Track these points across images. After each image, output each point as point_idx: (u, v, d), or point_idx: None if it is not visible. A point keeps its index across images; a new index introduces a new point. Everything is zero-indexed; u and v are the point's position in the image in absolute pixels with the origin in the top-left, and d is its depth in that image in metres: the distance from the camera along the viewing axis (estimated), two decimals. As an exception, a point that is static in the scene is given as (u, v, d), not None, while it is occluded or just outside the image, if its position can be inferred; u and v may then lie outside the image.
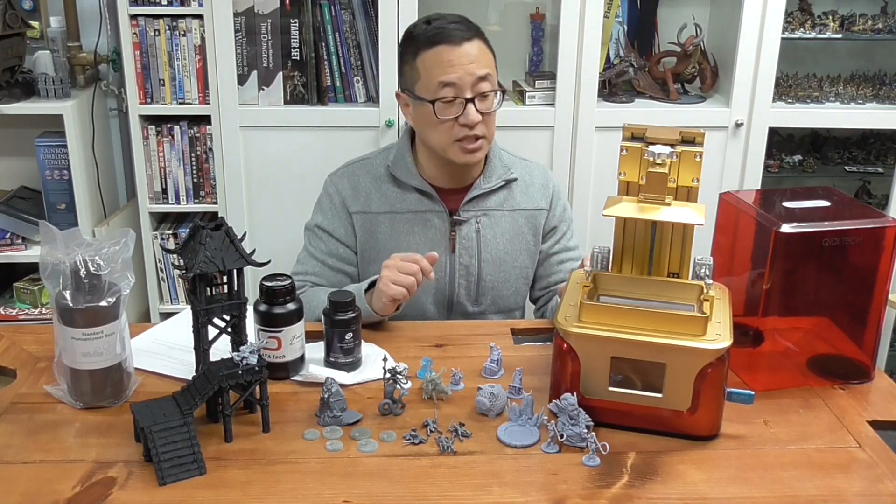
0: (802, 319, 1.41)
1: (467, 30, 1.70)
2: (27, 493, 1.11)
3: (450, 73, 1.67)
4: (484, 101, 1.70)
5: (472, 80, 1.67)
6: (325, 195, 1.86)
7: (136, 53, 2.41)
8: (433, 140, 1.73)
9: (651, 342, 1.21)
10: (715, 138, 2.51)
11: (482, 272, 1.81)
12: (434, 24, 1.71)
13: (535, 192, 1.85)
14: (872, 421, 1.32)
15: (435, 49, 1.68)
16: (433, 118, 1.69)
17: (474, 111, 1.68)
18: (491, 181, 1.80)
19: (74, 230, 1.29)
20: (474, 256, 1.80)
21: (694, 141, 1.29)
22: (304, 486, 1.13)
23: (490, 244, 1.81)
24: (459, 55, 1.67)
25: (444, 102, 1.68)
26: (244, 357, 1.21)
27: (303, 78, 2.49)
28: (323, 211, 1.85)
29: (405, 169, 1.79)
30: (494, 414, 1.30)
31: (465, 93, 1.67)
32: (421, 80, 1.71)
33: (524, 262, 1.85)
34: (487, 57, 1.72)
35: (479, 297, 1.82)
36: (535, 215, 1.84)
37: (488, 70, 1.70)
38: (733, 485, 1.16)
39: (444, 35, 1.68)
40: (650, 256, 1.33)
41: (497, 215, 1.81)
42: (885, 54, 2.82)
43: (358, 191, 1.82)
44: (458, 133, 1.69)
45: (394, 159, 1.81)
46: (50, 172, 2.50)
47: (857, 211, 1.44)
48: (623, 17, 2.66)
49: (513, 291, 1.85)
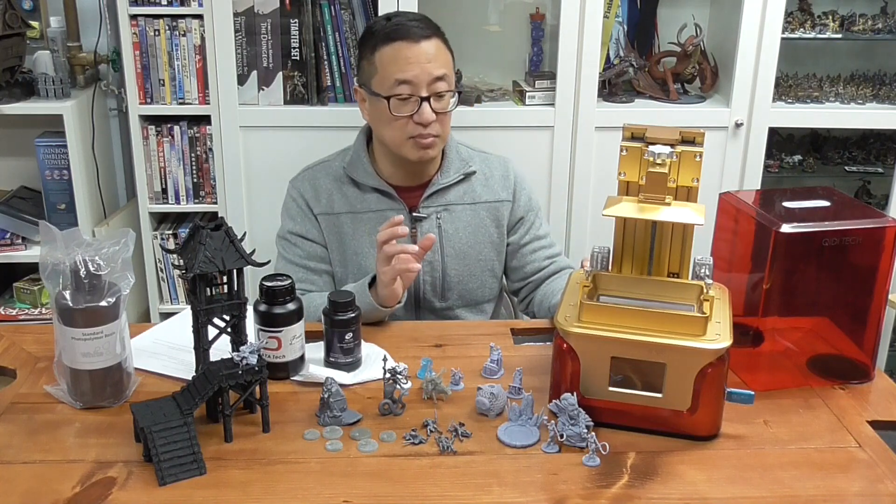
0: (802, 319, 1.41)
1: (426, 28, 1.71)
2: (27, 493, 1.11)
3: (406, 70, 1.68)
4: (439, 100, 1.70)
5: (429, 79, 1.68)
6: (289, 200, 1.86)
7: (135, 53, 2.41)
8: (387, 137, 1.74)
9: (651, 342, 1.21)
10: (715, 138, 2.51)
11: (446, 267, 1.81)
12: (393, 21, 1.72)
13: (495, 183, 1.85)
14: (872, 421, 1.32)
15: (393, 45, 1.69)
16: (388, 114, 1.70)
17: (429, 110, 1.68)
18: (449, 175, 1.81)
19: (74, 230, 1.29)
20: (437, 252, 1.80)
21: (694, 141, 1.29)
22: (303, 486, 1.13)
23: (452, 238, 1.81)
24: (417, 53, 1.68)
25: (399, 100, 1.69)
26: (244, 357, 1.21)
27: (303, 78, 2.49)
28: (292, 216, 1.85)
29: (362, 169, 1.80)
30: (494, 414, 1.30)
31: (421, 91, 1.68)
32: (377, 75, 1.72)
33: (489, 255, 1.85)
34: (445, 57, 1.73)
35: (445, 293, 1.83)
36: (498, 207, 1.84)
37: (445, 70, 1.70)
38: (733, 485, 1.16)
39: (403, 32, 1.69)
40: (650, 256, 1.33)
41: (458, 209, 1.82)
42: (885, 54, 2.82)
43: (319, 192, 1.83)
44: (411, 130, 1.70)
45: (350, 161, 1.82)
46: (50, 172, 2.50)
47: (857, 211, 1.44)
48: (623, 17, 2.66)
49: (479, 285, 1.85)
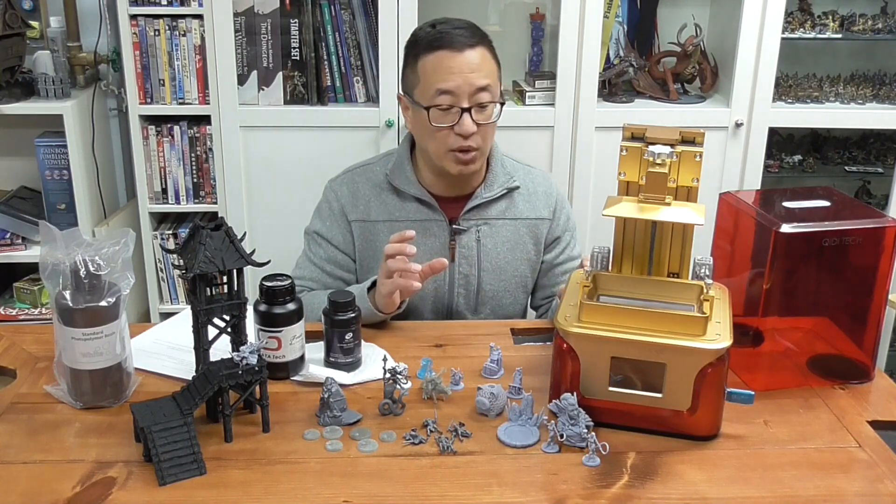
0: (802, 319, 1.41)
1: (471, 36, 1.65)
2: (27, 493, 1.11)
3: (448, 80, 1.62)
4: (482, 112, 1.65)
5: (471, 90, 1.63)
6: (324, 202, 1.83)
7: (135, 53, 2.41)
8: (429, 148, 1.70)
9: (651, 342, 1.21)
10: (715, 138, 2.51)
11: (482, 281, 1.78)
12: (438, 28, 1.66)
13: (537, 200, 1.81)
14: (872, 421, 1.32)
15: (436, 54, 1.64)
16: (428, 125, 1.65)
17: (469, 121, 1.63)
18: (493, 190, 1.76)
19: (74, 230, 1.29)
20: (474, 265, 1.77)
21: (694, 141, 1.29)
22: (304, 486, 1.13)
23: (490, 253, 1.77)
24: (460, 62, 1.62)
25: (440, 110, 1.64)
26: (244, 357, 1.21)
27: (303, 78, 2.49)
28: (322, 217, 1.82)
29: (404, 178, 1.76)
30: (494, 414, 1.30)
31: (462, 102, 1.63)
32: (420, 84, 1.67)
33: (524, 272, 1.81)
34: (490, 66, 1.67)
35: (479, 307, 1.80)
36: (538, 224, 1.80)
37: (489, 81, 1.64)
38: (733, 485, 1.16)
39: (447, 40, 1.63)
40: (650, 256, 1.33)
41: (498, 224, 1.77)
42: (885, 54, 2.82)
43: (357, 198, 1.78)
44: (452, 143, 1.65)
45: (392, 168, 1.78)
46: (50, 172, 2.50)
47: (857, 211, 1.44)
48: (623, 17, 2.66)
49: (512, 300, 1.82)
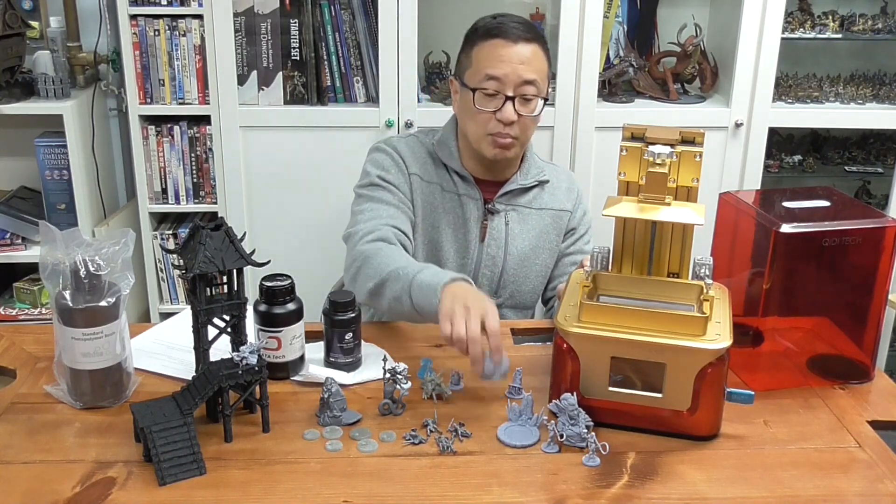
0: (802, 319, 1.41)
1: (526, 31, 1.71)
2: (27, 493, 1.11)
3: (497, 67, 1.68)
4: (525, 104, 1.70)
5: (518, 80, 1.68)
6: (380, 155, 1.81)
7: (135, 53, 2.41)
8: (469, 129, 1.75)
9: (651, 342, 1.21)
10: (715, 138, 2.51)
11: (507, 265, 1.82)
12: (497, 20, 1.73)
13: (561, 194, 1.87)
14: (872, 421, 1.32)
15: (491, 42, 1.70)
16: (472, 107, 1.71)
17: (511, 110, 1.68)
18: (528, 178, 1.82)
19: (74, 230, 1.29)
20: (501, 248, 1.81)
21: (694, 141, 1.29)
22: (303, 486, 1.13)
23: (517, 239, 1.82)
24: (511, 53, 1.68)
25: (486, 94, 1.70)
26: (244, 357, 1.21)
27: (303, 78, 2.49)
28: (384, 167, 1.79)
29: (448, 152, 1.80)
30: (499, 376, 1.32)
31: (508, 90, 1.69)
32: (471, 68, 1.73)
33: (546, 262, 1.86)
34: (540, 63, 1.72)
35: (500, 290, 1.83)
36: (561, 216, 1.86)
37: (537, 76, 1.70)
38: (733, 485, 1.16)
39: (503, 30, 1.70)
40: (650, 256, 1.33)
41: (526, 212, 1.83)
42: (885, 54, 2.82)
43: (416, 155, 1.81)
44: (492, 128, 1.71)
45: (439, 141, 1.82)
46: (50, 172, 2.50)
47: (857, 211, 1.44)
48: (623, 17, 2.66)
49: (531, 288, 1.86)
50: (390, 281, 1.52)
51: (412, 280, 1.48)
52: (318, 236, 2.52)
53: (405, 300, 1.48)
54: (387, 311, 1.59)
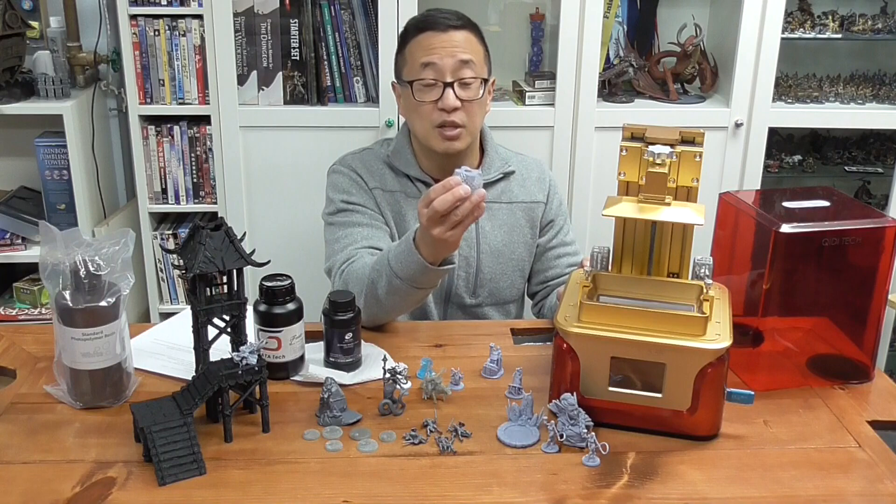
0: (802, 319, 1.41)
1: (457, 19, 1.74)
2: (27, 493, 1.11)
3: (431, 54, 1.70)
4: (466, 89, 1.71)
5: (453, 64, 1.69)
6: (339, 178, 1.82)
7: (135, 53, 2.41)
8: (416, 127, 1.75)
9: (651, 342, 1.21)
10: (715, 138, 2.51)
11: (481, 264, 1.81)
12: (426, 13, 1.77)
13: (531, 185, 1.86)
14: (872, 421, 1.32)
15: (422, 34, 1.73)
16: (414, 102, 1.71)
17: (452, 96, 1.69)
18: (489, 173, 1.81)
19: (74, 230, 1.29)
20: (473, 247, 1.80)
21: (694, 141, 1.29)
22: (303, 486, 1.13)
23: (489, 236, 1.81)
24: (443, 40, 1.70)
25: (424, 85, 1.70)
26: (244, 357, 1.21)
27: (303, 78, 2.49)
28: (345, 190, 1.80)
29: (404, 160, 1.80)
30: (478, 180, 1.34)
31: (445, 76, 1.69)
32: (407, 65, 1.75)
33: (521, 255, 1.85)
34: (475, 46, 1.74)
35: (477, 289, 1.83)
36: (533, 208, 1.85)
37: (472, 57, 1.71)
38: (733, 485, 1.16)
39: (431, 22, 1.73)
40: (650, 256, 1.34)
41: (495, 207, 1.82)
42: (885, 54, 2.82)
43: (371, 170, 1.82)
44: (437, 119, 1.70)
45: (393, 151, 1.83)
46: (50, 172, 2.50)
47: (857, 211, 1.44)
48: (623, 17, 2.66)
49: (509, 284, 1.85)
50: (374, 280, 1.54)
51: (389, 262, 1.50)
52: (318, 236, 2.50)
53: (396, 282, 1.49)
54: (395, 307, 1.56)
